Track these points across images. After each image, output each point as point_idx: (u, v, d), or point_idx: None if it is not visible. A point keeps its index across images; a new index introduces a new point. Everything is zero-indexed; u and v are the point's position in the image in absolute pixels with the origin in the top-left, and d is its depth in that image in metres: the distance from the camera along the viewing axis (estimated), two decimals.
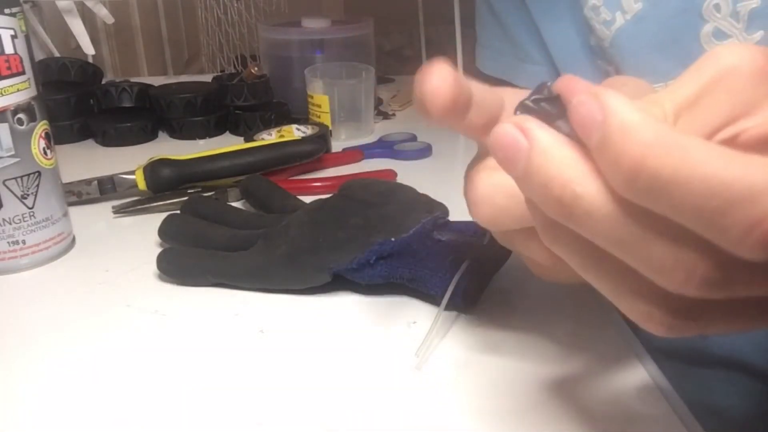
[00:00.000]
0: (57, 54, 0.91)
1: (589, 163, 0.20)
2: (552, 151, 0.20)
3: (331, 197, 0.49)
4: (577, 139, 0.20)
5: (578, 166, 0.20)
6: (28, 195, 0.48)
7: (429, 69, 0.27)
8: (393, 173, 0.63)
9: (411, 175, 0.63)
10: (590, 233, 0.20)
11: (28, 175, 0.47)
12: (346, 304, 0.43)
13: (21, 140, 0.47)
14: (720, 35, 0.42)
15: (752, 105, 0.21)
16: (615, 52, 0.47)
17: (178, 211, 0.52)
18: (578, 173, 0.20)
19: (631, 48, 0.46)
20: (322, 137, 0.69)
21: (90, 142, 0.78)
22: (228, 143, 0.63)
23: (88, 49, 0.92)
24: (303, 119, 0.77)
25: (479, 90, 0.28)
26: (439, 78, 0.26)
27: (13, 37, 0.45)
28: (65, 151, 0.74)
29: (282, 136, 0.71)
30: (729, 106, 0.21)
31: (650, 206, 0.19)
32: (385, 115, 0.84)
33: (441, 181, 0.63)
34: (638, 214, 0.19)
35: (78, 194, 0.59)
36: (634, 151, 0.18)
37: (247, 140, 0.70)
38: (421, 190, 0.49)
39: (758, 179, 0.17)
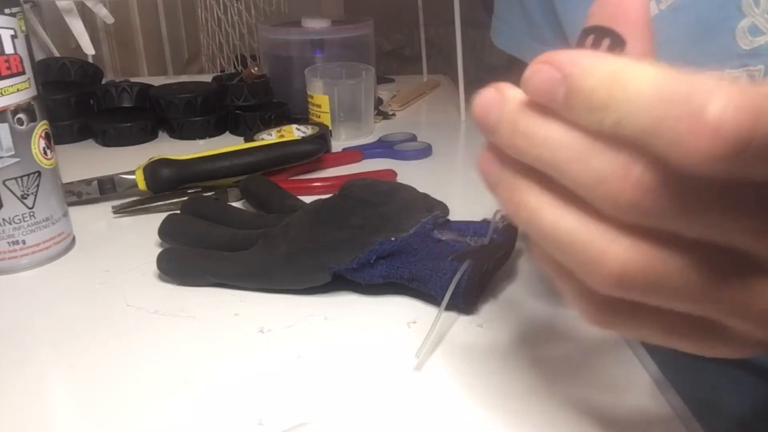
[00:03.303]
0: (57, 54, 0.91)
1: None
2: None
3: (331, 197, 0.49)
4: None
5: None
6: (28, 195, 0.48)
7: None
8: (393, 173, 0.63)
9: (411, 175, 0.63)
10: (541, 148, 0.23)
11: (28, 175, 0.47)
12: (346, 304, 0.43)
13: (21, 140, 0.47)
14: (755, 31, 0.42)
15: None
16: None
17: (178, 211, 0.52)
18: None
19: (663, 39, 0.45)
20: (322, 137, 0.69)
21: (90, 142, 0.78)
22: (228, 143, 0.63)
23: (88, 49, 0.92)
24: (303, 119, 0.77)
25: None
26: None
27: (13, 37, 0.45)
28: (65, 151, 0.74)
29: (282, 136, 0.71)
30: None
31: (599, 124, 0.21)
32: (385, 115, 0.84)
33: (441, 181, 0.63)
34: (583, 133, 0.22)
35: (78, 194, 0.59)
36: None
37: (247, 140, 0.70)
38: (421, 190, 0.49)
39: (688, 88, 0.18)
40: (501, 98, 0.24)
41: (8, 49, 0.45)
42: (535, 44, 0.58)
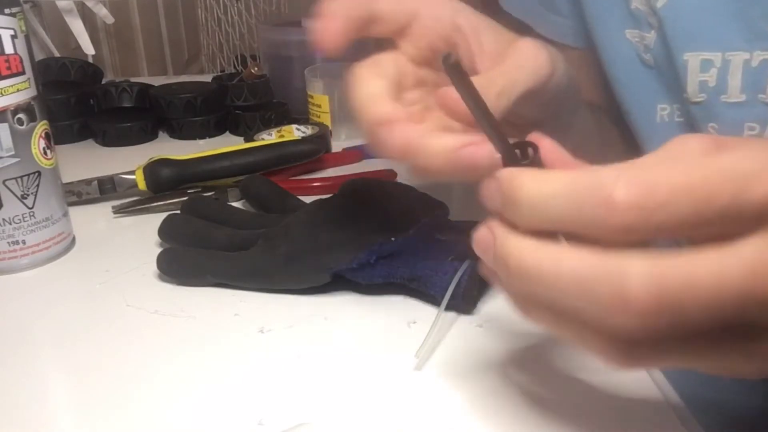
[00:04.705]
0: (57, 54, 0.91)
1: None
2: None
3: (331, 197, 0.49)
4: None
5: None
6: (28, 195, 0.48)
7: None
8: (393, 173, 0.63)
9: (411, 175, 0.63)
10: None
11: (28, 175, 0.47)
12: (346, 304, 0.43)
13: (21, 140, 0.47)
14: None
15: None
16: (668, 15, 0.45)
17: (178, 211, 0.52)
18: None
19: (690, 13, 0.45)
20: (322, 137, 0.69)
21: (90, 142, 0.78)
22: (228, 143, 0.63)
23: (88, 49, 0.92)
24: (303, 119, 0.77)
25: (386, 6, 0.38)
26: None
27: (13, 37, 0.45)
28: (65, 151, 0.74)
29: (282, 136, 0.71)
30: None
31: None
32: None
33: (441, 181, 0.63)
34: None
35: (78, 194, 0.59)
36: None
37: (247, 140, 0.70)
38: (421, 190, 0.49)
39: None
40: (492, 237, 0.26)
41: (8, 49, 0.45)
42: (546, 13, 0.57)
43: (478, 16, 0.39)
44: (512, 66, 0.37)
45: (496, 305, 0.42)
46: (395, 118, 0.34)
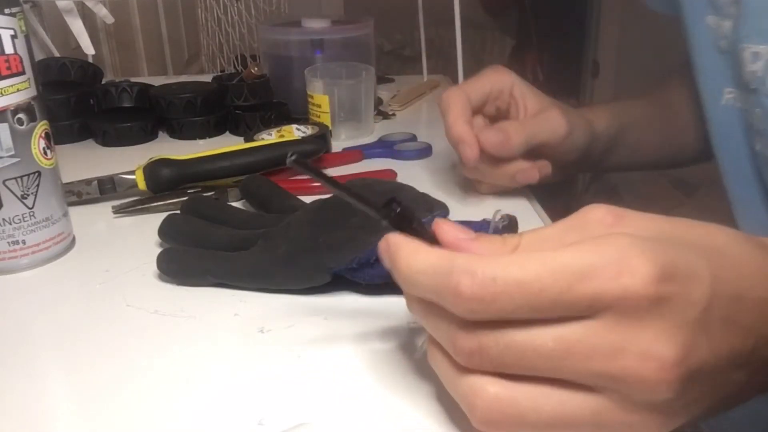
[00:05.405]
0: (57, 54, 0.91)
1: None
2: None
3: (331, 197, 0.49)
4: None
5: None
6: (28, 195, 0.48)
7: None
8: (393, 173, 0.63)
9: (411, 175, 0.63)
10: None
11: (28, 175, 0.47)
12: (346, 304, 0.43)
13: (21, 140, 0.47)
14: None
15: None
16: (740, 8, 0.50)
17: (178, 211, 0.52)
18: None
19: (752, 6, 0.49)
20: (322, 137, 0.69)
21: (90, 142, 0.78)
22: (228, 143, 0.63)
23: (88, 49, 0.92)
24: (303, 119, 0.77)
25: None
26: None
27: (13, 37, 0.45)
28: (65, 151, 0.74)
29: (282, 136, 0.71)
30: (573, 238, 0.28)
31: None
32: (385, 115, 0.84)
33: (441, 181, 0.63)
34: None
35: (78, 194, 0.59)
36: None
37: (247, 140, 0.70)
38: (421, 190, 0.49)
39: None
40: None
41: (8, 49, 0.45)
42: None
43: (528, 86, 0.56)
44: (537, 124, 0.54)
45: None
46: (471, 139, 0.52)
